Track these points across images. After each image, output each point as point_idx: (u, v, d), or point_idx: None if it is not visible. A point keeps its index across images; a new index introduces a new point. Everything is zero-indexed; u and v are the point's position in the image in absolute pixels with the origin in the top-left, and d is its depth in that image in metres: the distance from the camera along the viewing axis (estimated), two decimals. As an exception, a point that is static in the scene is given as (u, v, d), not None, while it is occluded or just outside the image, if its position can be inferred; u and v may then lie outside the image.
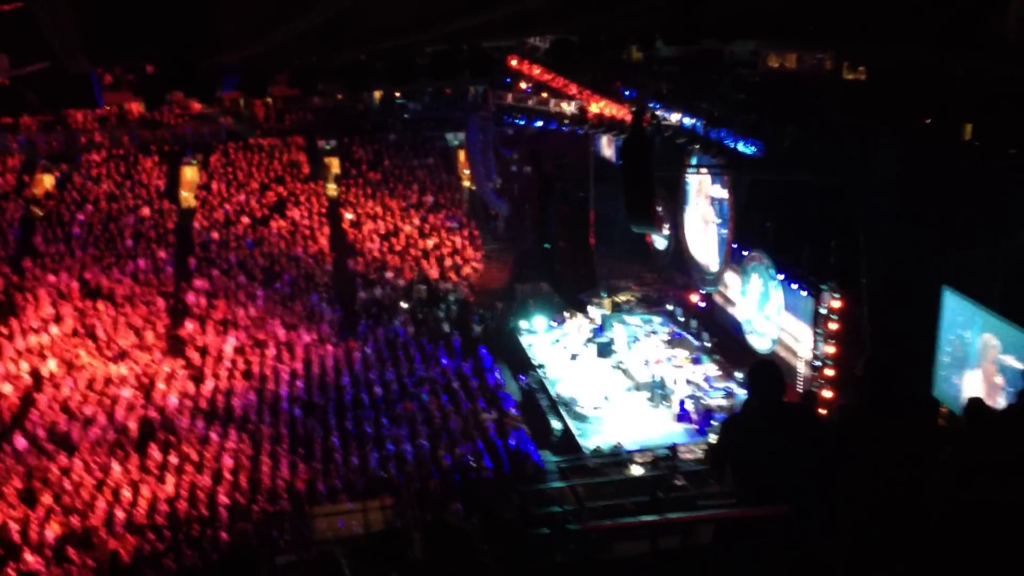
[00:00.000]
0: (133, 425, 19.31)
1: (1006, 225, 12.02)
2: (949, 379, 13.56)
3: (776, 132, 16.62)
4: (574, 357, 22.05)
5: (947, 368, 13.68)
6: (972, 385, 12.99)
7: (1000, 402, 11.87)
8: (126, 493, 16.76)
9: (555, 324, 24.01)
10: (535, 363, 21.91)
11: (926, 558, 5.20)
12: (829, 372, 16.29)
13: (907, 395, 6.65)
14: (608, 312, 23.78)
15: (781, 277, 18.13)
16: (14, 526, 15.84)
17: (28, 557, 15.10)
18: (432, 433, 18.47)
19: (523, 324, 24.09)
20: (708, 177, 20.73)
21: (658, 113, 19.16)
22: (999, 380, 12.52)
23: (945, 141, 12.78)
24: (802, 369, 17.48)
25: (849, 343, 15.86)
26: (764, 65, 17.48)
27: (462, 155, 31.01)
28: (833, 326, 16.18)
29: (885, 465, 5.91)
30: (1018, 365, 12.01)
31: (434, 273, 26.69)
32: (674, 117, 18.97)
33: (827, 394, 16.08)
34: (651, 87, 20.15)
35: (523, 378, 21.64)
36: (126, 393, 20.73)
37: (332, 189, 30.65)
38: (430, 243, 27.97)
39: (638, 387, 20.09)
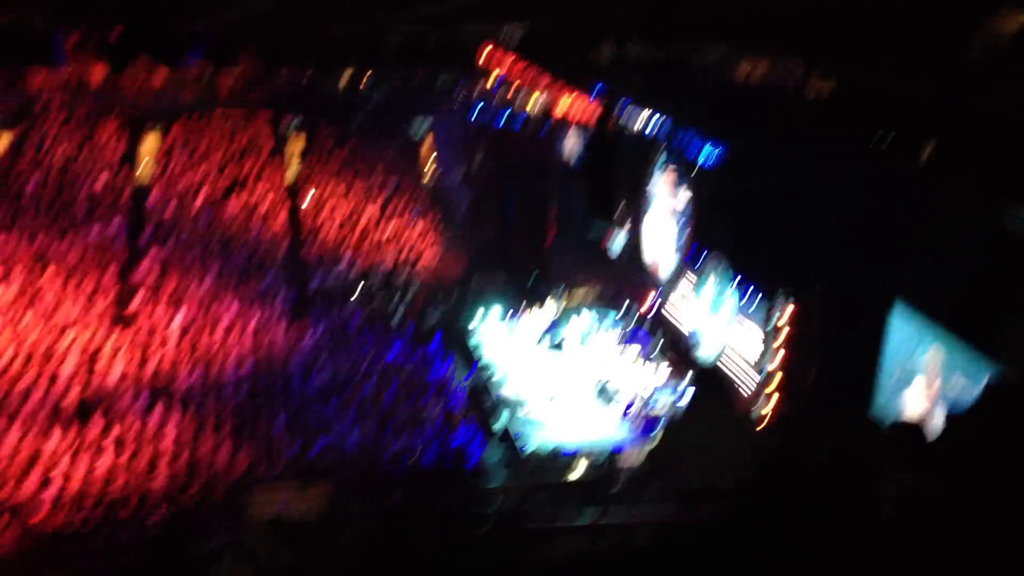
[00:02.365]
0: (73, 396, 18.89)
1: (958, 244, 12.15)
2: (894, 392, 13.67)
3: (740, 138, 16.66)
4: (526, 352, 21.97)
5: (892, 382, 13.79)
6: (913, 398, 13.12)
7: (935, 417, 12.07)
8: (61, 465, 16.39)
9: (508, 318, 23.92)
10: (486, 356, 21.81)
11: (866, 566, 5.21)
12: (777, 380, 16.36)
13: (854, 407, 6.67)
14: (562, 309, 23.75)
15: (736, 282, 18.19)
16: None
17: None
18: (378, 421, 18.29)
19: (476, 316, 23.97)
20: (670, 179, 20.75)
21: (625, 113, 19.14)
22: (934, 393, 12.69)
23: (904, 159, 12.89)
24: (751, 376, 17.54)
25: (799, 352, 15.96)
26: (733, 72, 17.51)
27: (427, 143, 30.76)
28: (784, 334, 16.26)
29: (828, 474, 5.91)
30: (961, 381, 12.13)
31: (391, 260, 26.46)
32: (641, 117, 18.96)
33: (773, 402, 16.16)
34: (619, 87, 20.12)
35: (473, 370, 21.53)
36: (68, 363, 20.28)
37: (293, 169, 30.24)
38: (389, 229, 27.73)
39: (587, 386, 20.05)
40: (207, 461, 16.81)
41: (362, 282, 25.41)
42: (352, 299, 24.57)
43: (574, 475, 16.17)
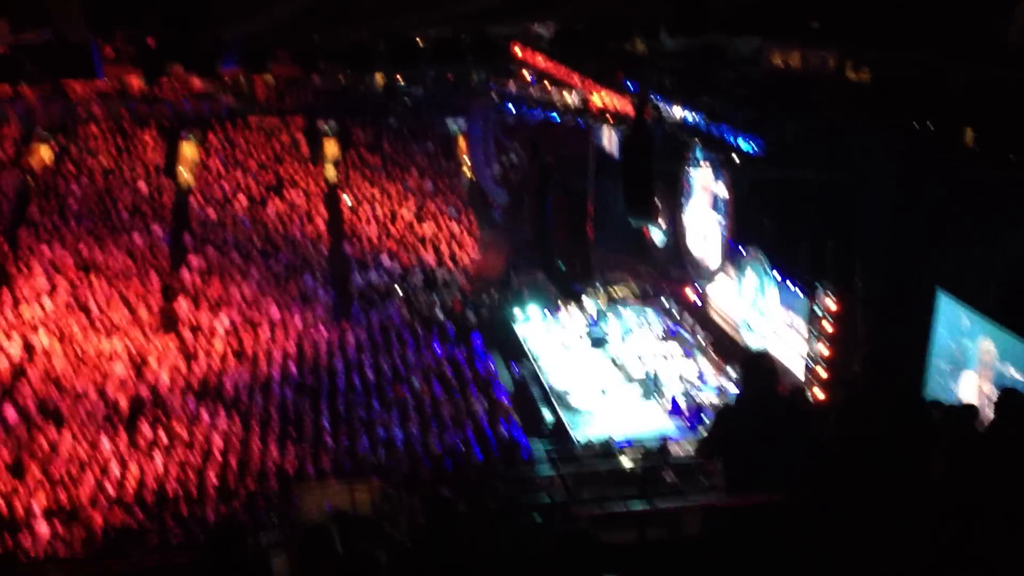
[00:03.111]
0: (123, 401, 19.26)
1: (1002, 230, 12.00)
2: (942, 382, 13.55)
3: (777, 129, 16.57)
4: (567, 348, 22.02)
5: (940, 371, 13.67)
6: (965, 389, 12.99)
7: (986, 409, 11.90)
8: (114, 468, 16.73)
9: (549, 314, 23.98)
10: (528, 353, 21.88)
11: (917, 548, 5.23)
12: (822, 372, 16.28)
13: (904, 392, 6.67)
14: (603, 304, 23.77)
15: (777, 275, 18.12)
16: (1, 499, 15.85)
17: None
18: (423, 419, 18.47)
19: (517, 313, 24.05)
20: (708, 172, 20.70)
21: (660, 106, 19.10)
22: (987, 387, 12.53)
23: (945, 145, 12.75)
24: (795, 368, 17.48)
25: (843, 344, 15.85)
26: (767, 62, 17.42)
27: (462, 142, 30.92)
28: (827, 326, 16.15)
29: (877, 459, 5.93)
30: (1014, 373, 11.99)
31: (430, 259, 26.65)
32: (676, 111, 18.92)
33: (819, 394, 16.08)
34: (654, 80, 20.08)
35: (516, 367, 21.61)
36: (118, 369, 20.67)
37: (331, 172, 30.57)
38: (427, 229, 27.92)
39: (631, 381, 20.07)
40: (257, 460, 17.08)
41: (402, 281, 25.62)
42: (393, 298, 24.77)
43: (623, 466, 16.19)
